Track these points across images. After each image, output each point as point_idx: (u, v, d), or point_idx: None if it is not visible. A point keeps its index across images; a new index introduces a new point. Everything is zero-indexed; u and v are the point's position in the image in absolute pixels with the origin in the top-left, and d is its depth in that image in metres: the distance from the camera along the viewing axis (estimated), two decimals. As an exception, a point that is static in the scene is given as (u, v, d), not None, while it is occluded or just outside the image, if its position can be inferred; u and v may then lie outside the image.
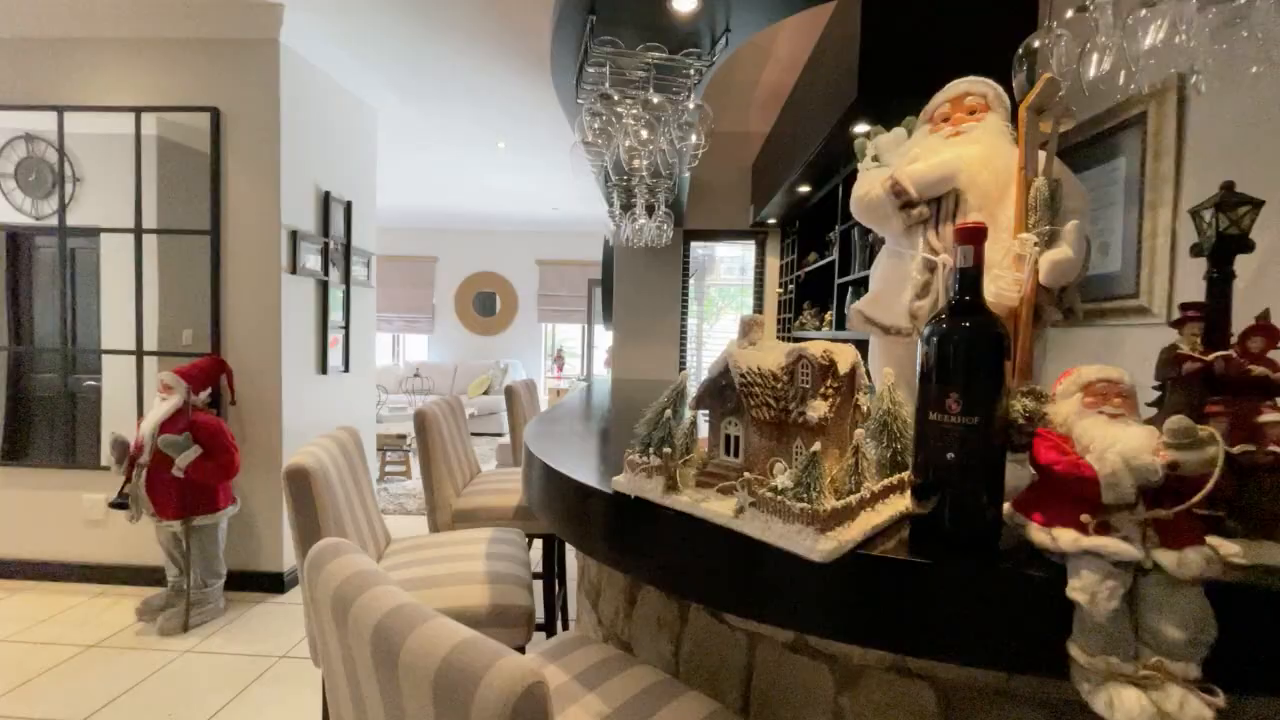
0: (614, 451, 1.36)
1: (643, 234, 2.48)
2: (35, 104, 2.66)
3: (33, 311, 2.84)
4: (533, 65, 3.00)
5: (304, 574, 0.69)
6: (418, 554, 1.41)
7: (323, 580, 0.64)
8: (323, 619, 0.65)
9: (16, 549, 2.75)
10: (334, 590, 0.61)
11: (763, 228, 3.52)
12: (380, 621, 0.54)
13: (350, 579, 0.61)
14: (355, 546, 0.69)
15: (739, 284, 6.23)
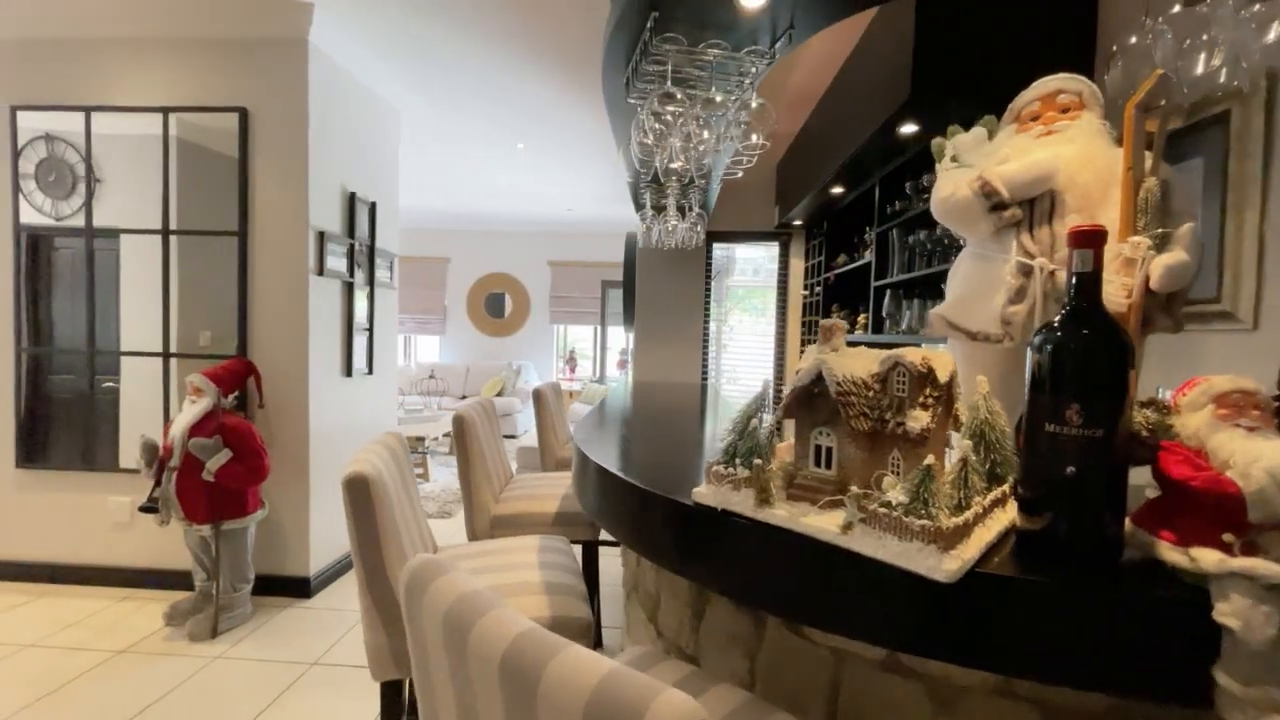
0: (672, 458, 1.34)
1: (675, 235, 2.45)
2: (62, 104, 2.64)
3: (51, 313, 2.82)
4: (557, 65, 2.98)
5: (402, 594, 0.66)
6: (469, 563, 1.38)
7: (429, 601, 0.61)
8: (427, 641, 0.62)
9: (39, 552, 2.73)
10: (444, 612, 0.58)
11: (787, 229, 3.48)
12: (510, 649, 0.51)
13: (462, 600, 0.58)
14: (453, 564, 0.66)
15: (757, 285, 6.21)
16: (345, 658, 2.18)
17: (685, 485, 1.08)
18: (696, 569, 0.95)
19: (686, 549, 0.96)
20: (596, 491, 1.23)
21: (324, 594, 2.70)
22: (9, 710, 1.84)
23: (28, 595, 2.60)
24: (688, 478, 1.19)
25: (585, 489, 1.30)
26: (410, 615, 0.65)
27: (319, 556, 2.73)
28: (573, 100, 3.41)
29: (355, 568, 1.10)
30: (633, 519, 1.08)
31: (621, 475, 1.06)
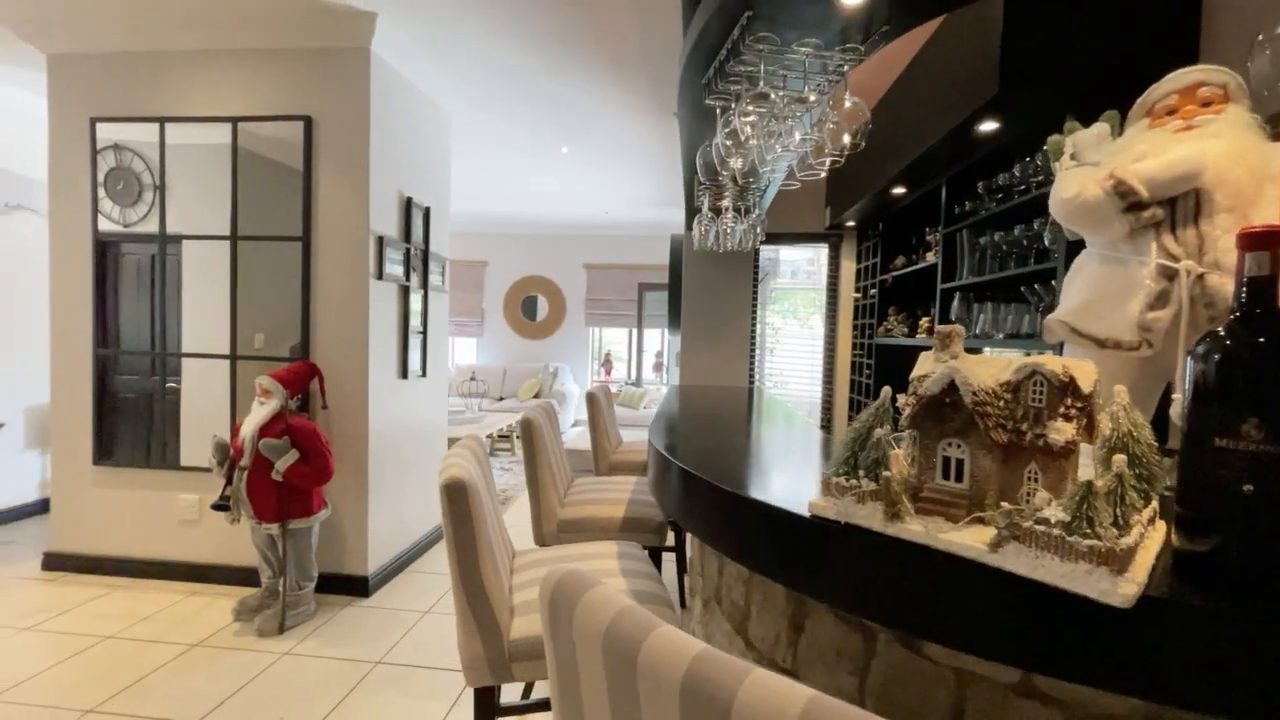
0: (765, 465, 1.31)
1: (733, 237, 2.43)
2: (138, 116, 2.75)
3: (119, 316, 2.93)
4: (604, 68, 2.98)
5: (545, 607, 0.65)
6: (548, 569, 1.37)
7: (581, 616, 0.60)
8: (578, 657, 0.61)
9: (114, 546, 2.84)
10: (605, 629, 0.57)
11: (838, 230, 3.42)
12: (691, 671, 0.49)
13: (623, 616, 0.56)
14: (597, 577, 0.65)
15: (795, 287, 6.12)
16: (408, 658, 2.21)
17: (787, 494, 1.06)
18: (808, 582, 0.93)
19: (797, 561, 0.93)
20: (683, 497, 1.21)
21: (381, 593, 2.75)
22: (96, 700, 1.91)
23: (105, 588, 2.71)
24: (786, 486, 1.17)
25: (670, 495, 1.28)
26: (554, 628, 0.64)
27: (376, 556, 2.78)
28: (618, 103, 3.41)
29: (451, 573, 1.10)
30: (732, 528, 1.05)
31: (727, 488, 1.04)
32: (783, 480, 1.25)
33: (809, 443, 1.61)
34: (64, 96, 2.80)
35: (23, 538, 3.30)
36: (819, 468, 1.36)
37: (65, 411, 2.86)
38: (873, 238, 3.18)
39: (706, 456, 1.34)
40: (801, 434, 1.74)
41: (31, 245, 3.59)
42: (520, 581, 1.31)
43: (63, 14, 2.61)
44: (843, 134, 1.26)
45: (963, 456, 0.82)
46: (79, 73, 2.78)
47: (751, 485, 1.10)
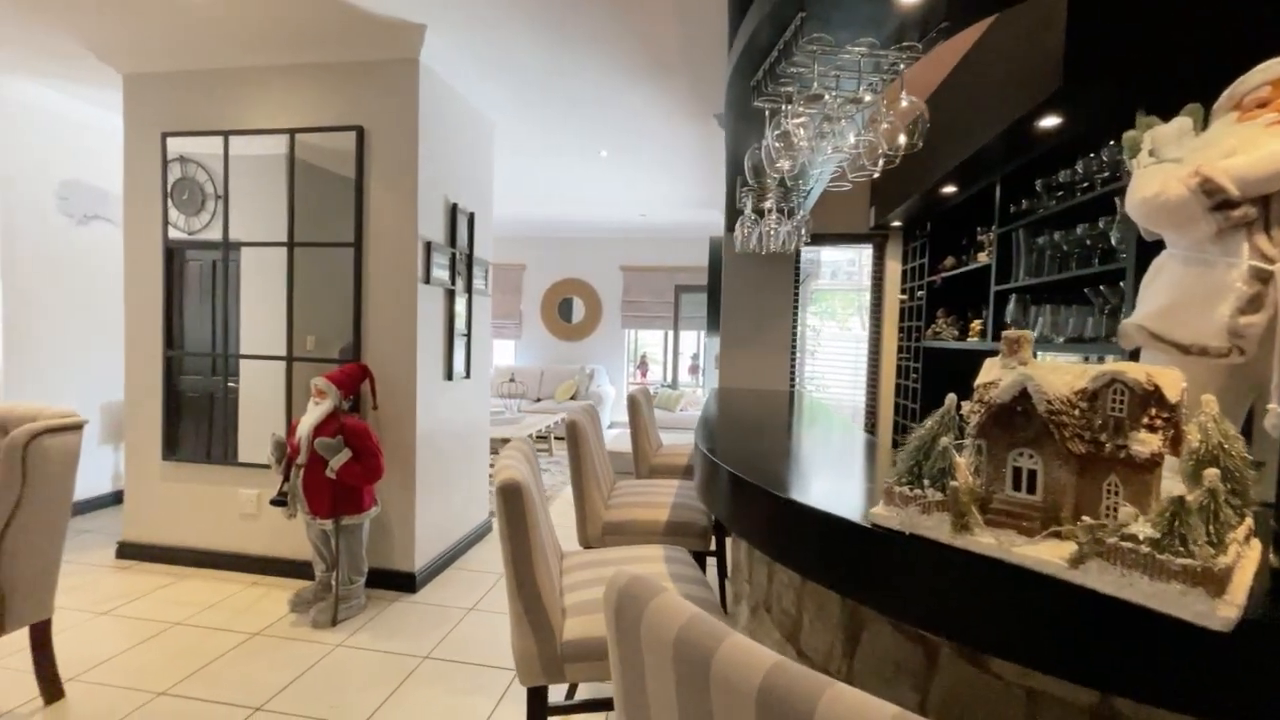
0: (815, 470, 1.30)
1: (776, 238, 2.40)
2: (204, 130, 2.89)
3: (184, 319, 3.09)
4: (647, 71, 2.99)
5: (610, 612, 0.65)
6: (595, 572, 1.38)
7: (650, 621, 0.60)
8: (645, 663, 0.61)
9: (181, 537, 2.99)
10: (675, 636, 0.57)
11: (883, 231, 3.34)
12: (767, 682, 0.49)
13: (694, 624, 0.56)
14: (662, 584, 0.65)
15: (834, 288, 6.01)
16: (454, 653, 2.26)
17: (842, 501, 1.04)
18: (867, 593, 0.91)
19: (855, 571, 0.91)
20: (734, 502, 1.21)
21: (428, 589, 2.82)
22: (167, 684, 2.02)
23: (173, 576, 2.86)
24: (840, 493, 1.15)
25: (720, 499, 1.28)
26: (621, 632, 0.65)
27: (423, 552, 2.85)
28: (658, 106, 3.42)
29: (506, 573, 1.12)
30: (787, 536, 1.04)
31: (782, 494, 1.02)
32: (835, 486, 1.23)
33: (858, 448, 1.58)
34: (138, 113, 2.98)
35: (98, 527, 3.51)
36: (871, 474, 1.33)
37: (137, 409, 3.04)
38: (920, 238, 3.10)
39: (755, 461, 1.33)
40: (850, 439, 1.71)
41: (107, 253, 3.82)
42: (570, 583, 1.32)
43: (137, 37, 2.78)
44: (898, 133, 1.24)
45: (1035, 467, 0.79)
46: (151, 91, 2.95)
47: (805, 491, 1.09)
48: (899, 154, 1.29)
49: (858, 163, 1.42)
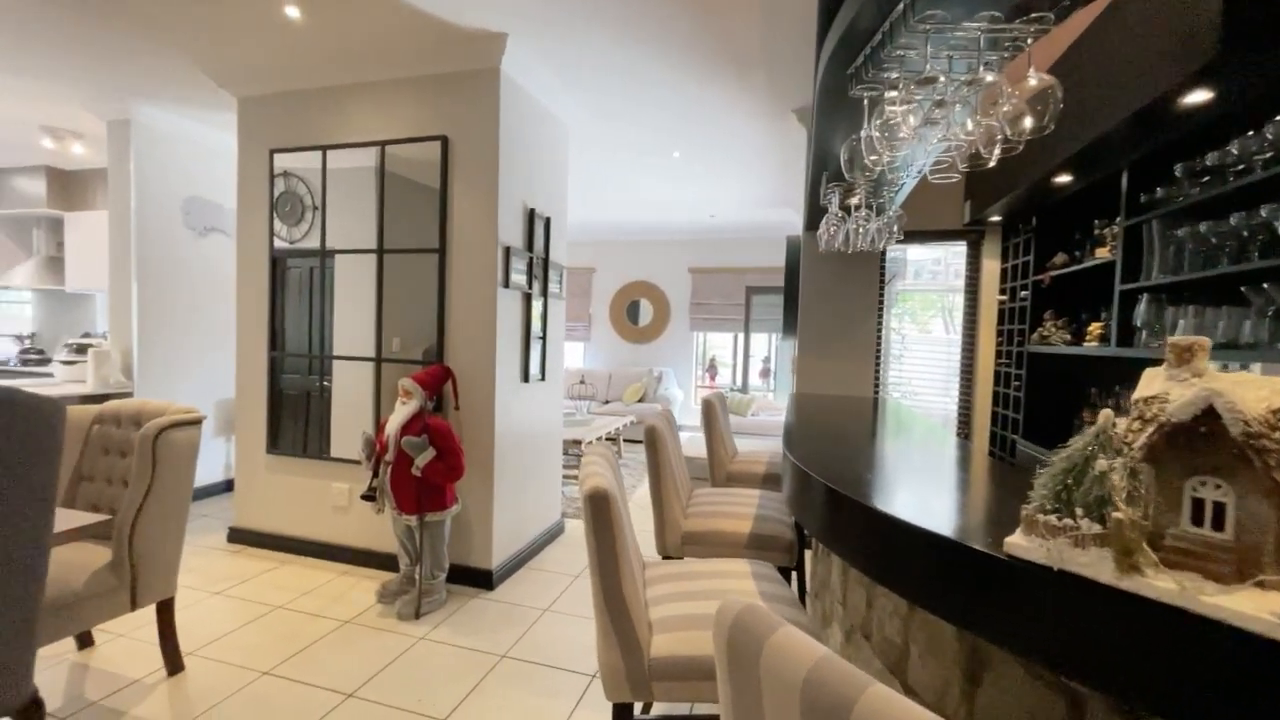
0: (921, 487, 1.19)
1: (864, 237, 2.26)
2: (305, 145, 3.10)
3: (285, 322, 3.31)
4: (724, 68, 2.92)
5: (723, 644, 0.60)
6: (680, 585, 1.33)
7: (770, 662, 0.54)
8: (770, 705, 0.56)
9: (282, 525, 3.21)
10: (804, 679, 0.51)
11: (979, 226, 3.10)
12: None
13: (825, 667, 0.50)
14: (780, 618, 0.59)
15: (924, 289, 5.67)
16: (532, 654, 2.28)
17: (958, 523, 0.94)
18: (994, 630, 0.80)
19: (981, 605, 0.81)
20: (832, 519, 1.12)
21: (504, 587, 2.87)
22: (270, 664, 2.15)
23: (275, 562, 3.07)
24: (955, 514, 1.04)
25: (815, 516, 1.20)
26: (735, 666, 0.59)
27: (500, 551, 2.91)
28: (734, 104, 3.34)
29: (593, 583, 1.09)
30: (896, 560, 0.95)
31: (893, 515, 0.94)
32: (947, 504, 1.12)
33: (966, 462, 1.44)
34: (250, 132, 3.23)
35: (212, 512, 3.84)
36: (989, 492, 1.21)
37: (246, 405, 3.29)
38: (1023, 234, 2.84)
39: (853, 473, 1.23)
40: (956, 452, 1.57)
41: (221, 262, 4.18)
42: (655, 596, 1.28)
43: (250, 62, 3.01)
44: (1024, 116, 1.11)
45: (1224, 500, 0.66)
46: (261, 111, 3.20)
47: (913, 510, 0.99)
48: (1022, 139, 1.16)
49: (968, 151, 1.30)
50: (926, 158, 1.50)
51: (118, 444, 2.18)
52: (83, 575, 1.83)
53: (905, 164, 1.73)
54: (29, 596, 1.34)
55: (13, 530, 1.27)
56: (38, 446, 1.30)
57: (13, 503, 1.26)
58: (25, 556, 1.31)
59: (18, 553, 1.29)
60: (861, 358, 3.32)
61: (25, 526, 1.30)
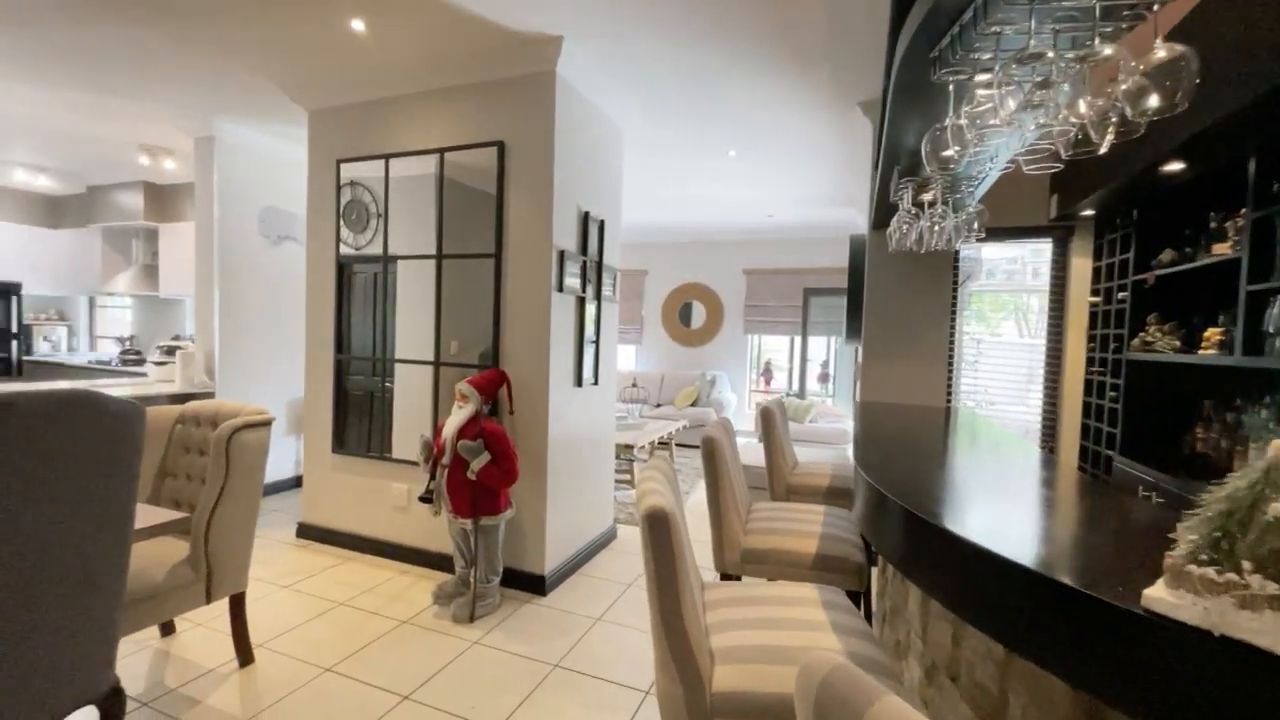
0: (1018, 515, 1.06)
1: (939, 235, 2.10)
2: (369, 154, 3.19)
3: (350, 326, 3.42)
4: (786, 62, 2.80)
5: (809, 707, 0.52)
6: (743, 611, 1.24)
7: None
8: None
9: (345, 523, 3.32)
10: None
11: (1067, 222, 2.83)
12: None
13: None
14: (880, 686, 0.50)
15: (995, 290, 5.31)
16: (584, 665, 2.23)
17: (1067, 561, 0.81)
18: (1123, 695, 0.68)
19: (1105, 664, 0.69)
20: (913, 548, 1.01)
21: (556, 593, 2.85)
22: (333, 660, 2.21)
23: (340, 558, 3.17)
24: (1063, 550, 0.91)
25: (891, 540, 1.09)
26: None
27: (552, 557, 2.89)
28: (795, 99, 3.20)
29: (651, 608, 1.03)
30: (989, 598, 0.84)
31: (994, 550, 0.82)
32: (1052, 538, 0.99)
33: (1065, 486, 1.29)
34: (319, 144, 3.36)
35: (283, 507, 4.03)
36: (1100, 525, 1.06)
37: (314, 406, 3.43)
38: (1122, 229, 2.56)
39: (934, 495, 1.11)
40: (1052, 473, 1.41)
41: (292, 269, 4.39)
42: (716, 621, 1.20)
43: (320, 77, 3.13)
44: (1148, 94, 0.96)
45: None
46: (329, 123, 3.32)
47: (1012, 544, 0.87)
48: (1145, 120, 1.01)
49: (1073, 137, 1.15)
50: (1020, 146, 1.35)
51: (196, 443, 2.29)
52: (163, 569, 1.93)
53: (991, 155, 1.58)
54: (111, 591, 1.40)
55: (97, 526, 1.33)
56: (120, 447, 1.35)
57: (98, 500, 1.32)
58: (107, 552, 1.37)
59: (100, 548, 1.34)
60: (932, 364, 3.11)
61: (108, 523, 1.35)
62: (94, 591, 1.35)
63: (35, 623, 1.23)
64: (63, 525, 1.25)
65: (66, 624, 1.29)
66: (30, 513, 1.18)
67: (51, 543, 1.23)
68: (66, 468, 1.23)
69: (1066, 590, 0.73)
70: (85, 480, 1.28)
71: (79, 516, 1.28)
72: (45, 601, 1.24)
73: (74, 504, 1.26)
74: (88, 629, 1.34)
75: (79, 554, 1.29)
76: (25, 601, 1.21)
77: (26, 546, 1.19)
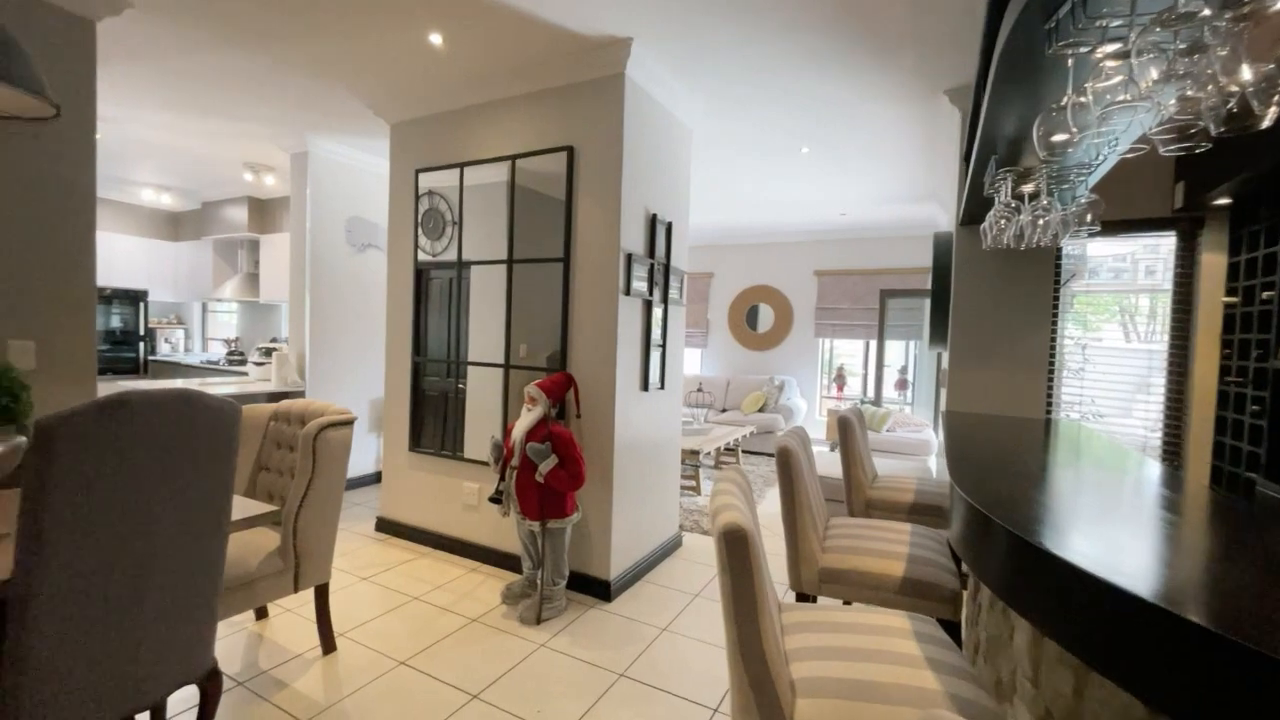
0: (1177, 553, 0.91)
1: (1043, 230, 1.90)
2: (445, 164, 3.30)
3: (426, 329, 3.54)
4: (866, 53, 2.65)
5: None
6: (826, 638, 1.15)
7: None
8: None
9: (420, 519, 3.44)
10: None
11: (1196, 210, 2.51)
12: None
13: None
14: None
15: (1102, 290, 4.84)
16: (650, 677, 2.18)
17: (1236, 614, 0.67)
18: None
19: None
20: (1022, 576, 0.89)
21: (621, 600, 2.82)
22: (407, 654, 2.27)
23: (415, 553, 3.29)
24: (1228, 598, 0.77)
25: (998, 570, 0.96)
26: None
27: (617, 562, 2.86)
28: (875, 91, 3.03)
29: (728, 633, 0.96)
30: (1141, 654, 0.71)
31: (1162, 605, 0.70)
32: (1216, 584, 0.83)
33: (1208, 514, 1.10)
34: (400, 155, 3.52)
35: (364, 501, 4.24)
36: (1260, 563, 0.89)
37: (393, 405, 3.58)
38: (1265, 219, 2.23)
39: (1053, 521, 0.98)
40: (1191, 500, 1.22)
41: (374, 276, 4.64)
42: (796, 648, 1.12)
43: (401, 91, 3.27)
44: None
45: None
46: (409, 135, 3.47)
47: (1148, 581, 0.74)
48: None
49: (1228, 110, 0.99)
50: (1152, 124, 1.18)
51: (287, 439, 2.43)
52: (257, 557, 2.05)
53: (1113, 138, 1.40)
54: (210, 578, 1.48)
55: (199, 519, 1.41)
56: (218, 442, 1.44)
57: (198, 491, 1.40)
58: (208, 541, 1.45)
59: (201, 538, 1.43)
60: (1029, 371, 2.84)
61: (207, 513, 1.44)
62: (195, 579, 1.43)
63: (145, 609, 1.32)
64: (168, 515, 1.33)
65: (171, 610, 1.38)
66: (141, 503, 1.27)
67: (159, 533, 1.32)
68: (172, 460, 1.32)
69: (1240, 649, 0.60)
70: (187, 472, 1.36)
71: (184, 508, 1.37)
72: (154, 588, 1.33)
73: (177, 495, 1.35)
74: (189, 615, 1.43)
75: (182, 543, 1.38)
76: (137, 588, 1.29)
77: (138, 536, 1.28)
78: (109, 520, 1.21)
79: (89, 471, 1.16)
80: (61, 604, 1.16)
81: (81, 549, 1.18)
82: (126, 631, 1.29)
